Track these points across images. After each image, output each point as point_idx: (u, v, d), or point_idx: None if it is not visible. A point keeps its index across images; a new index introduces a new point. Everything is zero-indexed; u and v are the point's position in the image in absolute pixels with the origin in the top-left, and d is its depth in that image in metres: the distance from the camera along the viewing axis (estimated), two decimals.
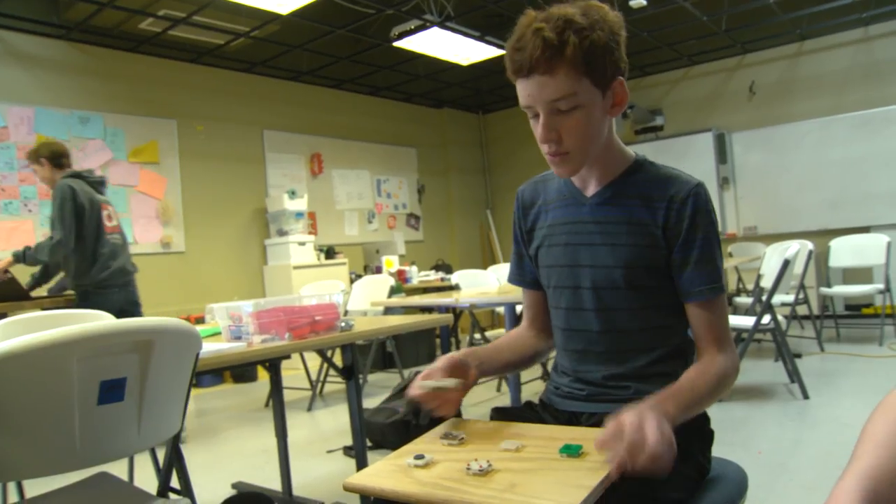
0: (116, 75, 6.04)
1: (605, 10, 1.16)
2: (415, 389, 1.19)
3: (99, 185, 4.03)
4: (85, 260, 3.86)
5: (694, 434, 1.22)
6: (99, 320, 1.60)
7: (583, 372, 1.31)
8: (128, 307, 3.96)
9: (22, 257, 3.83)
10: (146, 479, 2.90)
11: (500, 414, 1.33)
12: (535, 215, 1.40)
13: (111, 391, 1.24)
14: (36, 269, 4.11)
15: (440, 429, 1.21)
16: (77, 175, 3.92)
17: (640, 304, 1.25)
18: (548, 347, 1.46)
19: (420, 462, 1.04)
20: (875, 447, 0.75)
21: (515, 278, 1.50)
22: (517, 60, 1.13)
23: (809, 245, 5.04)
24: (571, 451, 1.02)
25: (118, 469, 1.63)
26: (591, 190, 1.30)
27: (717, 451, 1.31)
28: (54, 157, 3.94)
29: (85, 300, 3.85)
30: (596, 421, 1.25)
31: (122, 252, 4.03)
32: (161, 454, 1.71)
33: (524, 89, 1.16)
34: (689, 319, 1.25)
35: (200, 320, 5.30)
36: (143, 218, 6.07)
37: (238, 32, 5.97)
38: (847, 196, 7.09)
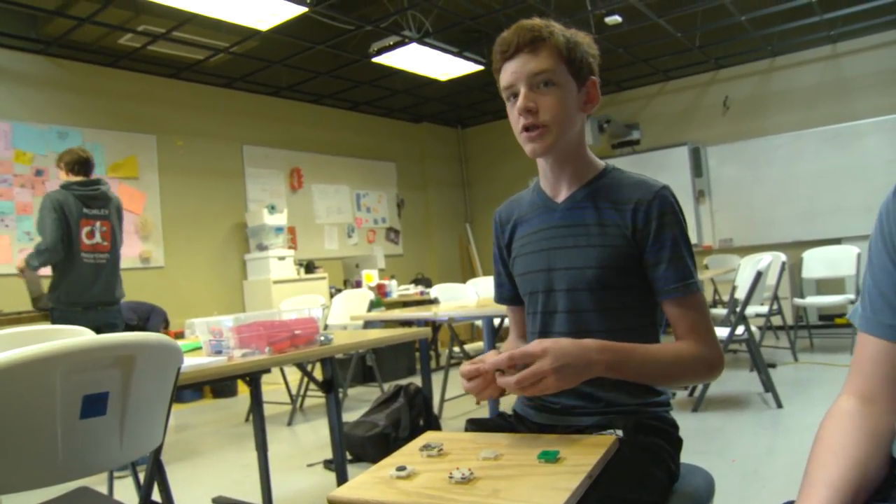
0: (95, 90, 6.02)
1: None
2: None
3: (90, 199, 3.88)
4: (55, 276, 3.82)
5: (665, 440, 1.27)
6: (81, 336, 1.61)
7: None
8: (105, 329, 3.77)
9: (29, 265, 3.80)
10: (126, 494, 2.89)
11: (475, 425, 1.36)
12: (511, 230, 1.46)
13: (93, 405, 1.26)
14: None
15: (418, 441, 1.23)
16: (66, 186, 3.85)
17: (610, 304, 1.29)
18: None
19: (402, 473, 1.06)
20: (835, 457, 0.79)
21: (496, 297, 1.56)
22: (505, 42, 1.26)
23: (783, 257, 5.13)
24: (549, 457, 1.05)
25: (99, 485, 1.63)
26: (562, 196, 1.36)
27: (693, 459, 1.35)
28: (69, 165, 3.90)
29: (52, 320, 3.79)
30: (571, 430, 1.28)
31: (97, 274, 3.89)
32: (142, 469, 1.72)
33: (508, 69, 1.26)
34: (668, 318, 1.29)
35: (180, 335, 5.27)
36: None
37: (218, 48, 5.98)
38: (819, 208, 7.23)
